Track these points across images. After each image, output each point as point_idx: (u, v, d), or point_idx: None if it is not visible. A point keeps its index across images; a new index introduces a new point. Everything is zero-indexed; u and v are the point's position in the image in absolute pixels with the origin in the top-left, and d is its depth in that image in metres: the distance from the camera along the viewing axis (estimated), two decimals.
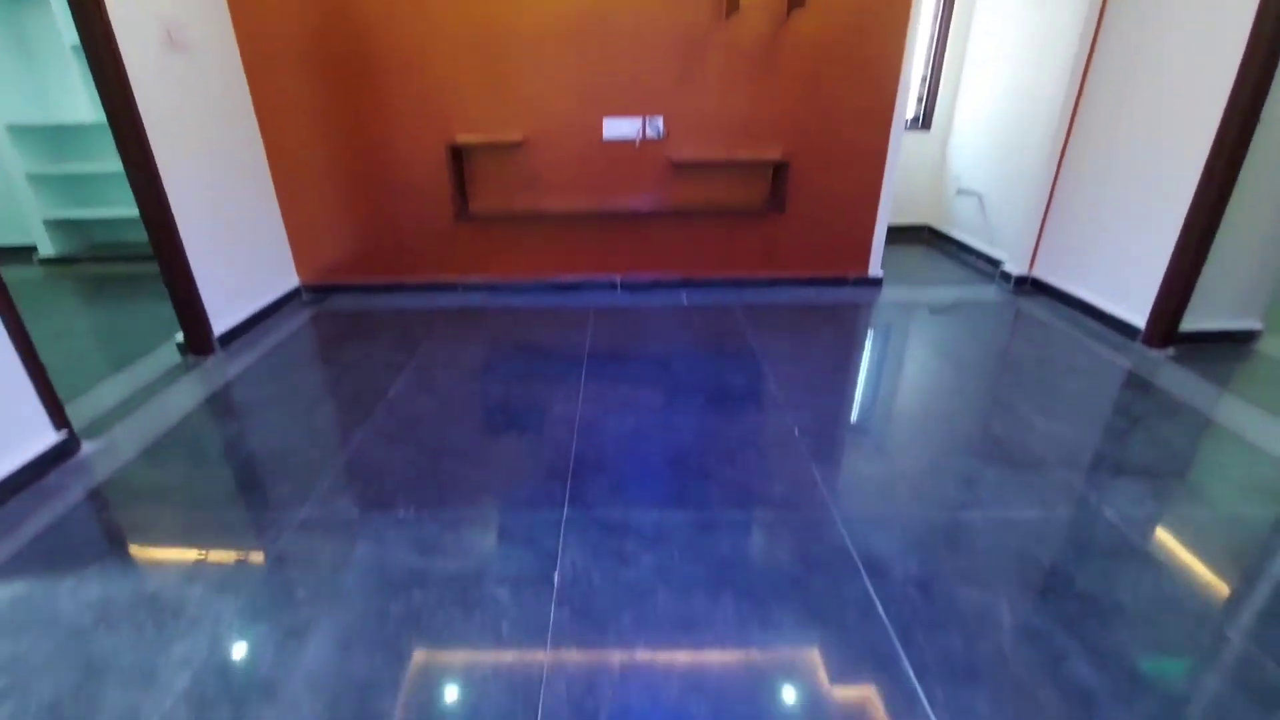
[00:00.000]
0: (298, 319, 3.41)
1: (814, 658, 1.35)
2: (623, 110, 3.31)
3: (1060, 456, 2.08)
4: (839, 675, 1.31)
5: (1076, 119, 3.29)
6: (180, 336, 2.94)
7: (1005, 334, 3.14)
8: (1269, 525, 1.77)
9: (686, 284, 3.72)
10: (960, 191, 4.36)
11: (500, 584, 1.56)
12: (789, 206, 3.44)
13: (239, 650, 1.40)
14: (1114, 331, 3.05)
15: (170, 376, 2.76)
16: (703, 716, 1.23)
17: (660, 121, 3.33)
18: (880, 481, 1.97)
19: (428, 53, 3.18)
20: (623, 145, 3.38)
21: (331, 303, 3.65)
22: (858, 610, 1.47)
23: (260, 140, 3.33)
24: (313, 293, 3.74)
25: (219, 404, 2.52)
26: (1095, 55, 3.15)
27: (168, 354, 2.96)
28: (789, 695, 1.27)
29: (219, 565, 1.65)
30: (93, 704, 1.27)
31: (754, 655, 1.36)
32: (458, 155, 3.33)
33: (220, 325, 3.02)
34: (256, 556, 1.68)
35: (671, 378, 2.66)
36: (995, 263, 3.98)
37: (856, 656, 1.35)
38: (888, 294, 3.67)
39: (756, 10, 3.10)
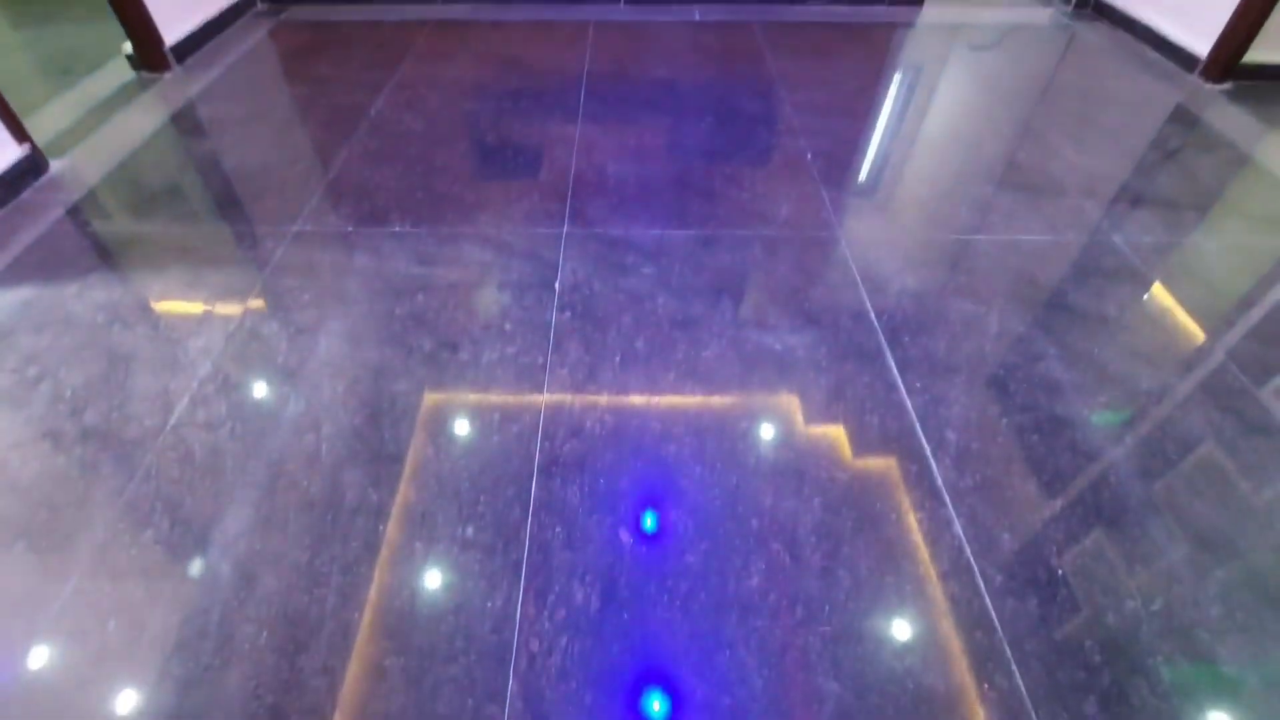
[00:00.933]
0: (256, 32, 3.00)
1: (804, 352, 1.42)
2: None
3: (1081, 185, 1.98)
4: (826, 366, 1.39)
5: None
6: (129, 48, 2.61)
7: (1053, 62, 2.79)
8: (1272, 255, 1.75)
9: None
10: None
11: (502, 289, 1.58)
12: None
13: (254, 344, 1.46)
14: (1173, 62, 2.71)
15: (126, 94, 2.51)
16: (696, 393, 1.32)
17: None
18: (891, 205, 1.90)
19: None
20: None
21: (293, 12, 3.19)
22: (851, 316, 1.51)
23: None
24: (271, 0, 3.26)
25: (186, 122, 2.33)
26: None
27: (118, 69, 2.66)
28: (778, 385, 1.36)
29: (219, 273, 1.65)
30: (123, 387, 1.36)
31: (748, 346, 1.43)
32: None
33: (170, 36, 2.67)
34: (255, 265, 1.67)
35: (678, 99, 2.43)
36: None
37: (844, 354, 1.42)
38: (930, 13, 3.20)
39: None
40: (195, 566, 1.05)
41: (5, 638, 0.96)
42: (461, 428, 1.27)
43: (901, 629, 0.98)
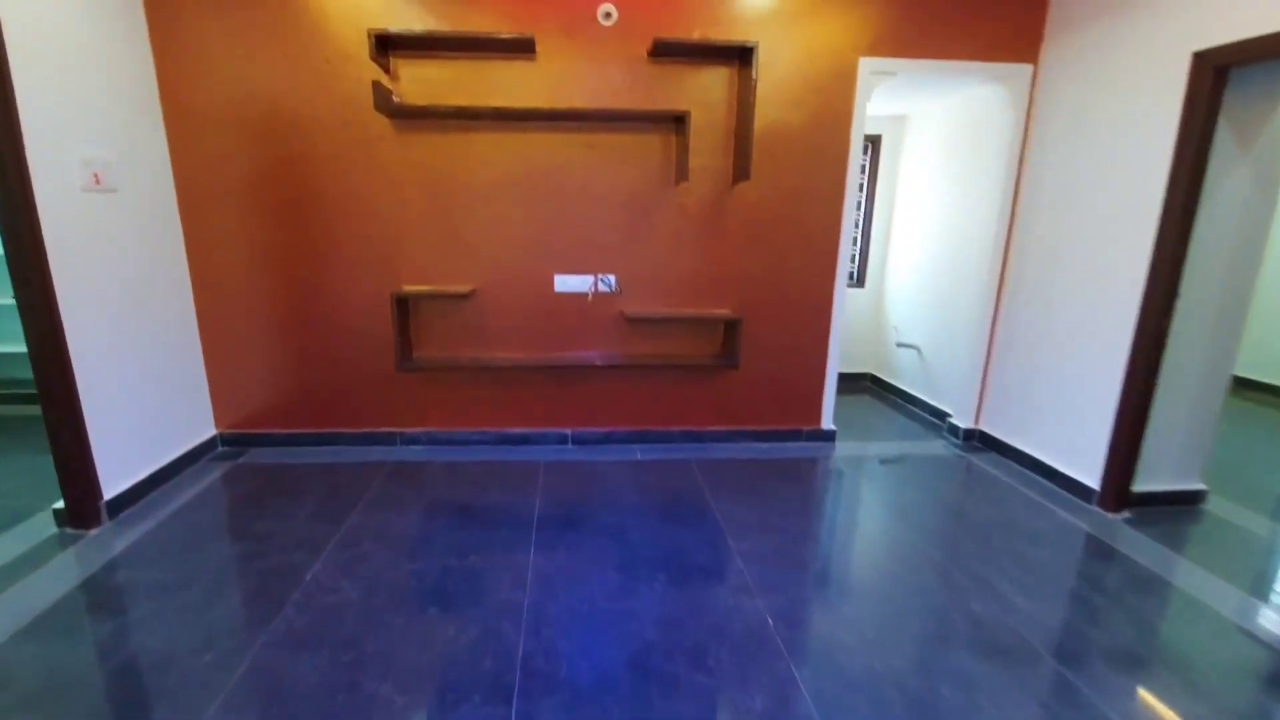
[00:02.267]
0: (208, 476, 3.04)
1: None
2: (575, 267, 3.34)
3: (1048, 642, 1.95)
4: None
5: (1007, 274, 3.53)
6: (60, 503, 2.54)
7: (963, 494, 3.10)
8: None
9: (640, 438, 3.60)
10: (900, 344, 4.55)
11: None
12: (741, 361, 3.45)
13: None
14: (1069, 492, 3.06)
15: (39, 555, 2.34)
16: None
17: (613, 278, 3.36)
18: (870, 689, 1.76)
19: (377, 201, 3.16)
20: (575, 298, 3.37)
21: (252, 456, 3.31)
22: None
23: (188, 278, 3.15)
24: (231, 444, 3.40)
25: (95, 593, 2.12)
26: (1019, 208, 3.45)
27: (43, 523, 2.54)
28: None
29: None
30: None
31: None
32: (403, 304, 3.23)
33: (115, 486, 2.64)
34: None
35: (630, 553, 2.44)
36: (941, 415, 4.07)
37: None
38: (842, 448, 3.64)
39: (704, 178, 3.27)
40: None
41: None
42: None
43: None
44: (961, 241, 3.91)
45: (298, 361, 3.34)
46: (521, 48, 3.00)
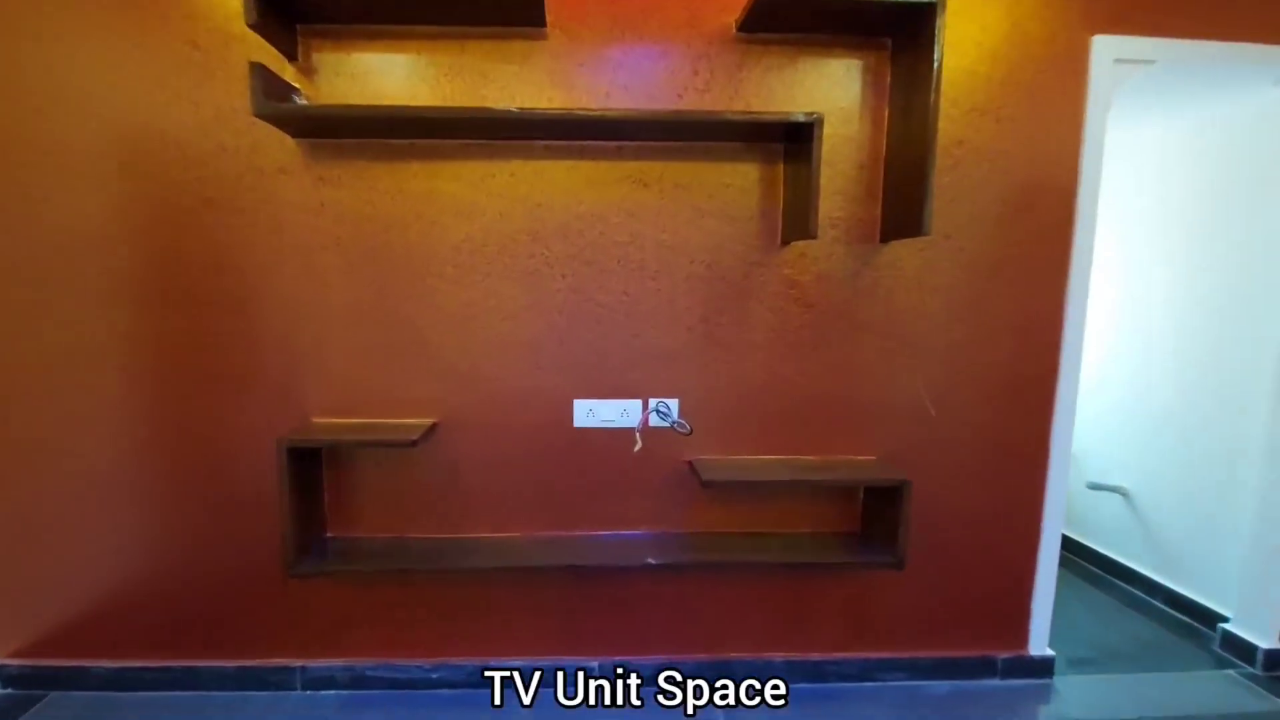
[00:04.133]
0: None
1: None
2: (611, 387, 1.94)
3: None
4: None
5: None
6: None
7: None
8: None
9: (718, 669, 2.09)
10: (1095, 486, 3.00)
11: None
12: (908, 551, 1.95)
13: None
14: None
15: None
16: None
17: (674, 405, 1.95)
18: None
19: (271, 277, 1.84)
20: (611, 440, 1.96)
21: (53, 706, 1.90)
22: None
23: None
24: (20, 684, 1.99)
25: None
26: None
27: None
28: None
29: None
30: None
31: None
32: (307, 457, 1.85)
33: None
34: None
35: None
36: (1182, 602, 2.53)
37: None
38: (1067, 690, 2.10)
39: (831, 234, 1.90)
40: None
41: None
42: None
43: None
44: (1224, 328, 2.45)
45: (133, 552, 1.94)
46: (523, 11, 1.70)
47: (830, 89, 1.87)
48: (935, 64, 1.63)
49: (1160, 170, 2.79)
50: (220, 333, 1.85)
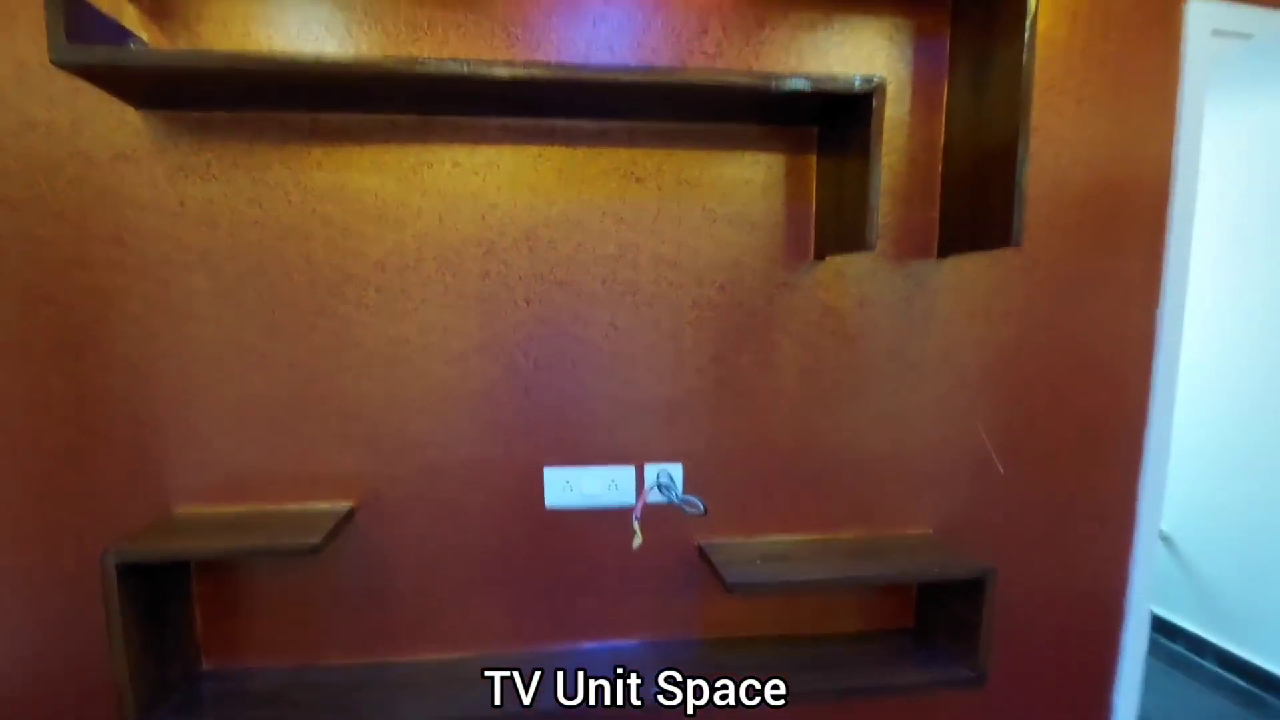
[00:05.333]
0: None
1: None
2: (594, 451, 1.45)
3: None
4: None
5: None
6: None
7: None
8: None
9: None
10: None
11: None
12: (955, 642, 1.52)
13: None
14: None
15: None
16: None
17: (677, 474, 1.48)
18: None
19: (110, 306, 1.29)
20: (596, 525, 1.47)
21: None
22: None
23: None
24: None
25: None
26: None
27: None
28: None
29: None
30: None
31: None
32: (164, 575, 1.30)
33: None
34: None
35: None
36: (1231, 661, 2.19)
37: None
38: None
39: (877, 245, 1.45)
40: None
41: None
42: None
43: None
44: None
45: None
46: None
47: (871, 57, 1.43)
48: (1030, 13, 1.21)
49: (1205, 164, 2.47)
50: (37, 392, 1.29)
